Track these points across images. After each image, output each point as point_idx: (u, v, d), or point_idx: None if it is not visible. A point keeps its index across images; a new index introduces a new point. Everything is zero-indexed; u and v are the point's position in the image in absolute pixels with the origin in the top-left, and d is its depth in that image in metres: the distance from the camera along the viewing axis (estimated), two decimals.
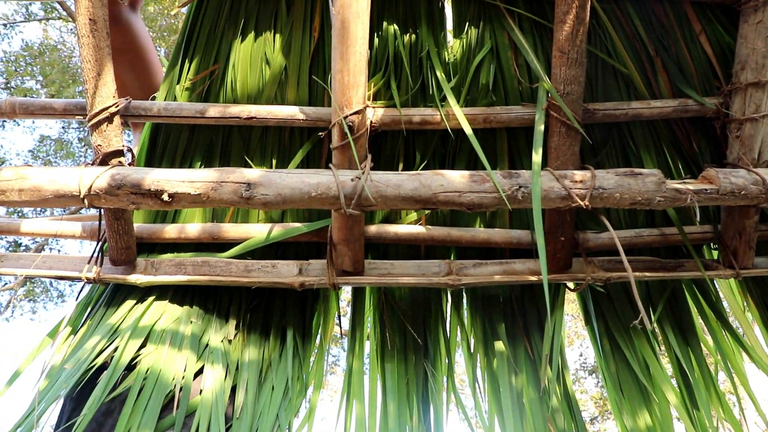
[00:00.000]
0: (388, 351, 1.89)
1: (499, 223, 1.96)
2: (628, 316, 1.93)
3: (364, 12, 1.47)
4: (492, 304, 1.96)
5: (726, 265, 1.89)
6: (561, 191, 1.57)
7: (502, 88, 1.92)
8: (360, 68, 1.51)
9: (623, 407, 1.81)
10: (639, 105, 1.86)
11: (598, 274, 1.82)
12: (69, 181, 1.52)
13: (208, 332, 1.77)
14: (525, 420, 1.76)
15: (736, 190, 1.62)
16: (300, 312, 1.95)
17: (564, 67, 1.62)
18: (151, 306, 1.78)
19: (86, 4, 1.53)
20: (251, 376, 1.72)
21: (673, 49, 1.96)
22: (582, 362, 13.15)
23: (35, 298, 12.28)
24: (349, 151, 1.60)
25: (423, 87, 1.90)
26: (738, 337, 1.93)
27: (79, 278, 1.78)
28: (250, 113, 1.80)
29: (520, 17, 1.94)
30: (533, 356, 1.88)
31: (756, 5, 1.76)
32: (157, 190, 1.51)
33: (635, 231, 1.92)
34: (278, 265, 1.82)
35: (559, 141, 1.69)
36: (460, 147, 1.94)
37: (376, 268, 1.84)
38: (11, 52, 10.90)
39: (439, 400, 1.82)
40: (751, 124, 1.80)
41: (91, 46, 1.55)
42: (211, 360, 1.69)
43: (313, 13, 1.94)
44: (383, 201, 1.55)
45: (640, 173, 1.61)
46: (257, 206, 1.54)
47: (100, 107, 1.62)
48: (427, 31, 1.91)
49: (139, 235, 1.85)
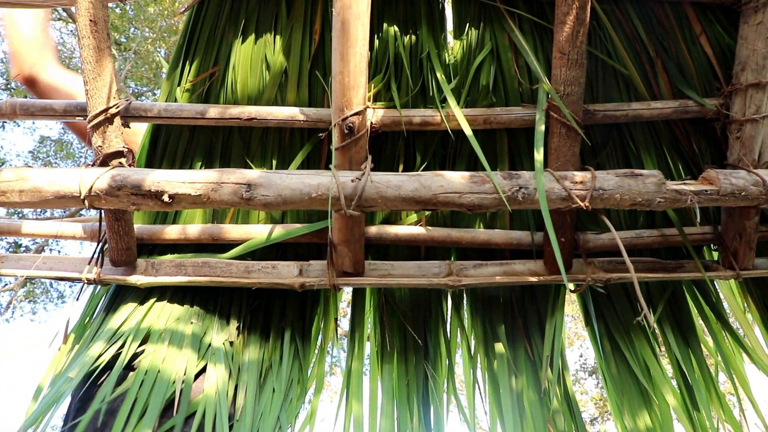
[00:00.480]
0: (387, 352, 1.89)
1: (499, 224, 1.96)
2: (629, 317, 1.93)
3: (364, 13, 1.47)
4: (492, 305, 1.96)
5: (726, 266, 1.89)
6: (561, 192, 1.57)
7: (503, 89, 1.92)
8: (360, 69, 1.51)
9: (623, 408, 1.81)
10: (639, 106, 1.86)
11: (599, 274, 1.82)
12: (69, 182, 1.53)
13: (210, 333, 1.77)
14: (525, 421, 1.76)
15: (737, 191, 1.62)
16: (300, 313, 1.95)
17: (564, 68, 1.62)
18: (153, 307, 1.78)
19: (87, 5, 1.53)
20: (251, 378, 1.73)
21: (674, 50, 1.96)
22: (582, 363, 13.15)
23: (35, 299, 12.29)
24: (350, 152, 1.60)
25: (423, 88, 1.90)
26: (738, 338, 1.93)
27: (79, 279, 1.78)
28: (250, 114, 1.80)
29: (521, 18, 1.94)
30: (533, 357, 1.88)
31: (756, 6, 1.76)
32: (158, 191, 1.51)
33: (635, 232, 1.92)
34: (278, 266, 1.82)
35: (559, 142, 1.70)
36: (460, 148, 1.94)
37: (376, 269, 1.84)
38: None
39: (440, 401, 1.82)
40: (751, 125, 1.80)
41: (91, 48, 1.56)
42: (214, 360, 1.69)
43: (313, 15, 1.94)
44: (383, 202, 1.55)
45: (641, 174, 1.61)
46: (257, 207, 1.54)
47: (100, 108, 1.63)
48: (427, 33, 1.91)
49: (140, 236, 1.85)
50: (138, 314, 1.74)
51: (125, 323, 1.72)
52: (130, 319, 1.73)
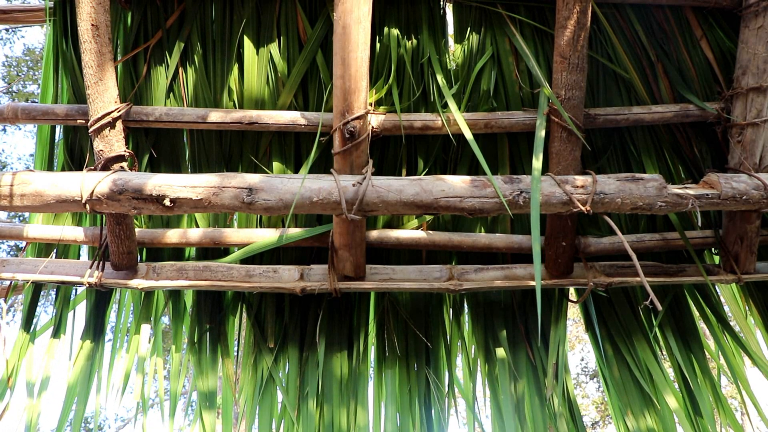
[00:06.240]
0: (389, 357, 1.89)
1: (500, 228, 1.96)
2: (630, 321, 1.93)
3: (365, 17, 1.47)
4: (493, 310, 1.95)
5: (728, 270, 1.89)
6: (562, 196, 1.57)
7: (504, 93, 1.92)
8: (361, 73, 1.51)
9: (626, 412, 1.80)
10: (640, 110, 1.86)
11: (600, 279, 1.82)
12: (71, 186, 1.53)
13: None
14: (525, 425, 1.76)
15: (738, 194, 1.62)
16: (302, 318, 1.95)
17: (565, 72, 1.62)
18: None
19: (88, 10, 1.53)
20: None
21: (674, 54, 1.96)
22: (583, 366, 13.12)
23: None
24: (351, 157, 1.60)
25: (424, 93, 1.90)
26: (740, 341, 1.92)
27: (80, 283, 1.78)
28: (251, 118, 1.80)
29: (521, 23, 1.94)
30: (534, 361, 1.87)
31: (757, 10, 1.76)
32: (159, 195, 1.51)
33: (637, 236, 1.92)
34: (279, 269, 1.82)
35: (560, 146, 1.70)
36: (461, 152, 1.94)
37: (377, 273, 1.84)
38: (13, 56, 10.93)
39: (441, 405, 1.82)
40: (752, 128, 1.80)
41: (93, 52, 1.56)
42: None
43: (315, 19, 1.94)
44: (385, 206, 1.55)
45: (642, 178, 1.61)
46: (258, 211, 1.54)
47: (102, 112, 1.63)
48: (428, 37, 1.91)
49: (141, 240, 1.85)
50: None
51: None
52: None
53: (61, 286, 1.88)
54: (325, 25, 1.88)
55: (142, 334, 1.86)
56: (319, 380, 1.82)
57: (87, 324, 1.88)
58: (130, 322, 1.92)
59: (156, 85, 1.88)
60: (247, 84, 1.89)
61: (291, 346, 1.88)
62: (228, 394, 1.85)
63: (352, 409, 1.78)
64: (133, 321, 1.91)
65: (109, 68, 1.61)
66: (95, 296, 1.90)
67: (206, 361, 1.85)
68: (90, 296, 1.91)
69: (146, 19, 1.88)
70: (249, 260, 1.90)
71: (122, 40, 1.90)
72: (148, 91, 1.88)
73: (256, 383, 1.83)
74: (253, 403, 1.80)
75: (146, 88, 1.88)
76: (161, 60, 1.89)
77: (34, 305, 1.89)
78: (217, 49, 1.90)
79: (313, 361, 1.85)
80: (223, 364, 1.86)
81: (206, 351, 1.87)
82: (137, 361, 1.81)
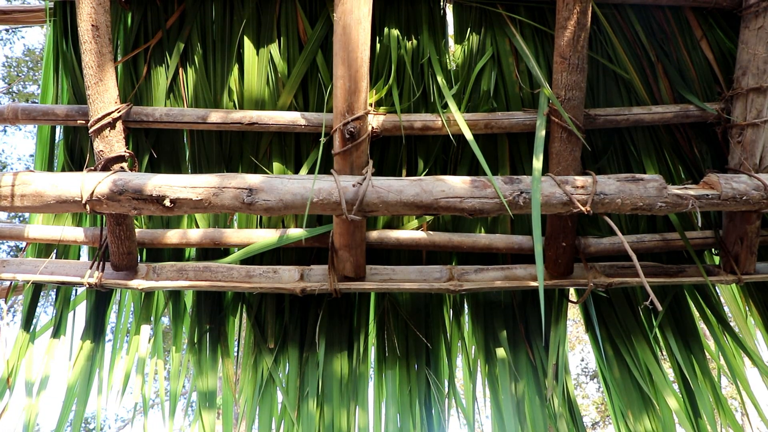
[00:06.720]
0: (390, 357, 1.89)
1: (500, 228, 1.96)
2: (630, 321, 1.93)
3: (365, 18, 1.47)
4: (493, 310, 1.95)
5: (728, 271, 1.89)
6: (562, 197, 1.57)
7: (504, 94, 1.92)
8: (361, 74, 1.51)
9: (627, 413, 1.80)
10: (640, 110, 1.86)
11: (600, 279, 1.82)
12: (71, 186, 1.53)
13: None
14: (525, 425, 1.76)
15: (738, 195, 1.62)
16: (302, 318, 1.95)
17: (565, 72, 1.62)
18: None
19: (88, 10, 1.53)
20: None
21: (674, 55, 1.96)
22: (583, 367, 13.12)
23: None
24: (351, 157, 1.60)
25: (425, 93, 1.90)
26: (741, 341, 1.92)
27: (80, 283, 1.78)
28: (251, 119, 1.80)
29: (522, 24, 1.94)
30: (534, 362, 1.87)
31: (757, 11, 1.76)
32: (159, 195, 1.51)
33: (637, 236, 1.92)
34: (280, 270, 1.82)
35: (560, 146, 1.70)
36: (462, 153, 1.94)
37: (377, 274, 1.84)
38: (13, 57, 10.93)
39: (441, 405, 1.82)
40: (752, 129, 1.80)
41: (93, 52, 1.56)
42: None
43: (315, 20, 1.94)
44: (385, 206, 1.55)
45: (642, 179, 1.60)
46: (259, 212, 1.54)
47: (102, 113, 1.63)
48: (428, 38, 1.91)
49: (141, 240, 1.85)
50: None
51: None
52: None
53: (61, 286, 1.88)
54: (325, 25, 1.88)
55: (142, 334, 1.87)
56: (319, 380, 1.82)
57: (87, 324, 1.88)
58: (130, 323, 1.92)
59: (156, 86, 1.88)
60: (247, 84, 1.89)
61: (291, 346, 1.88)
62: (228, 395, 1.85)
63: (352, 410, 1.78)
64: (133, 321, 1.91)
65: (110, 69, 1.61)
66: (95, 297, 1.91)
67: (206, 362, 1.86)
68: (90, 297, 1.91)
69: (146, 20, 1.89)
70: (249, 261, 1.90)
71: (122, 41, 1.90)
72: (149, 92, 1.88)
73: (256, 383, 1.83)
74: (253, 404, 1.80)
75: (146, 89, 1.88)
76: (161, 60, 1.89)
77: (34, 305, 1.90)
78: (217, 49, 1.91)
79: (313, 361, 1.85)
80: (223, 364, 1.86)
81: (206, 351, 1.87)
82: (137, 362, 1.81)
